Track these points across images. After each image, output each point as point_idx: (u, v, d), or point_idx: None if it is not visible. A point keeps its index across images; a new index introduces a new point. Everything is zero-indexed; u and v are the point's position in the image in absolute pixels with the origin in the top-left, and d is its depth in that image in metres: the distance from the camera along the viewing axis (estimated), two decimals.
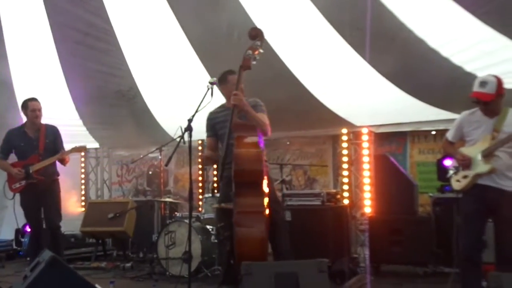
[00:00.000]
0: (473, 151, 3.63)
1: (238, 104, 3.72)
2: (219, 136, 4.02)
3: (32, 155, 4.96)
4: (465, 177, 3.66)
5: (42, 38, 6.41)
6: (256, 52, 3.78)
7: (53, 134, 5.11)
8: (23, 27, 6.45)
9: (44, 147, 5.00)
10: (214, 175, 7.49)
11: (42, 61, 6.73)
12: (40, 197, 4.95)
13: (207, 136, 4.20)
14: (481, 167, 3.55)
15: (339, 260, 5.32)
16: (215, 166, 7.40)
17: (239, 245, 3.40)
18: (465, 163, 3.64)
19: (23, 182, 4.91)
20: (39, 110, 5.06)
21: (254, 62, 3.78)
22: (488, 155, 3.53)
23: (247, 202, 3.47)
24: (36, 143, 5.01)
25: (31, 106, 5.01)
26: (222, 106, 4.12)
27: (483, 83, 3.55)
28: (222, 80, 4.07)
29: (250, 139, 3.63)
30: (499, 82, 3.56)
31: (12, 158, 5.25)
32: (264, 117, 3.89)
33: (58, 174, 5.14)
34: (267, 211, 3.51)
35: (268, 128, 3.86)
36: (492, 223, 3.71)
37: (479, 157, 3.57)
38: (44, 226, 5.09)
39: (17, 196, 5.09)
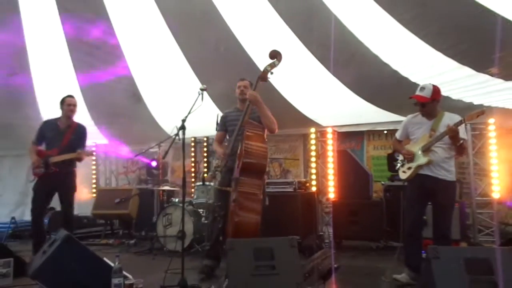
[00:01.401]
0: (415, 147, 3.72)
1: (253, 99, 3.73)
2: (228, 131, 4.06)
3: (54, 148, 4.70)
4: (409, 168, 3.74)
5: (59, 50, 6.33)
6: (274, 69, 3.78)
7: (80, 133, 4.83)
8: (44, 40, 6.35)
9: (68, 142, 4.72)
10: (205, 167, 7.51)
11: (59, 72, 6.64)
12: (55, 187, 4.68)
13: (218, 130, 4.24)
14: (421, 159, 3.64)
15: (307, 237, 5.38)
16: (205, 159, 7.50)
17: (237, 223, 3.39)
18: (409, 157, 3.72)
19: (43, 170, 4.66)
20: (74, 105, 4.83)
21: (270, 76, 3.78)
22: (426, 149, 3.62)
23: (248, 183, 3.50)
24: (62, 137, 4.73)
25: (67, 101, 4.80)
26: (235, 108, 4.15)
27: (422, 88, 3.67)
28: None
29: (257, 136, 3.64)
30: (435, 89, 3.65)
31: None
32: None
33: (75, 166, 4.84)
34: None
35: (276, 126, 3.86)
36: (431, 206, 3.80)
37: (420, 151, 3.66)
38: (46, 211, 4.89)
39: None
